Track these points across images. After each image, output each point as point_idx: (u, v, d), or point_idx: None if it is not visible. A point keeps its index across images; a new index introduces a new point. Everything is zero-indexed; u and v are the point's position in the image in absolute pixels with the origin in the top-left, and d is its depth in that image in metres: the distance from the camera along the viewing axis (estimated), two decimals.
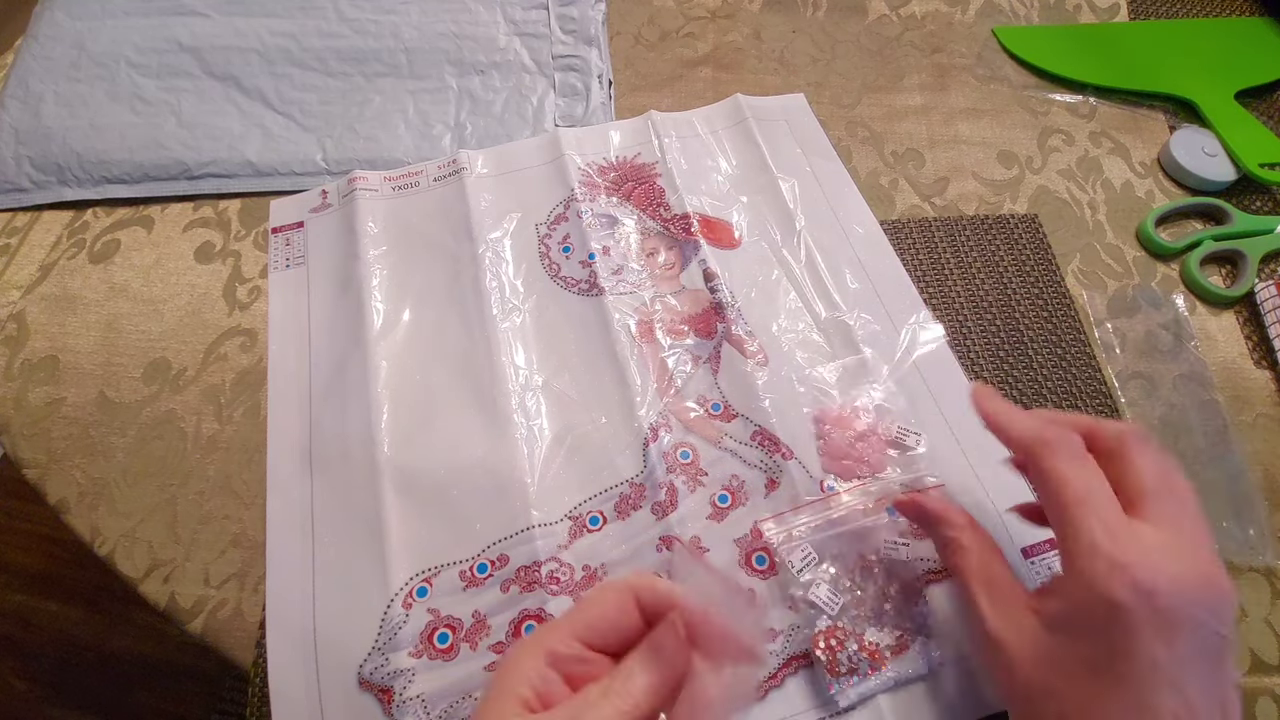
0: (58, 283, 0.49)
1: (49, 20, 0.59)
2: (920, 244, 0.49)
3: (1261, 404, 0.44)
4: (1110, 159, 0.54)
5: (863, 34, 0.61)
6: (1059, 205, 0.52)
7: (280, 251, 0.49)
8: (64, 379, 0.45)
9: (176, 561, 0.39)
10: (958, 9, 0.63)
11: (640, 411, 0.41)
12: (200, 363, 0.45)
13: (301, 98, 0.56)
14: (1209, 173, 0.51)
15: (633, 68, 0.59)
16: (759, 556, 0.37)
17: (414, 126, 0.55)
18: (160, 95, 0.55)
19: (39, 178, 0.52)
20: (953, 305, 0.47)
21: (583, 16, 0.59)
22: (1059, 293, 0.48)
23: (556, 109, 0.56)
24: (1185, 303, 0.47)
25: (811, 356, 0.44)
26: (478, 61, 0.58)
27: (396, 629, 0.35)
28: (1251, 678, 0.36)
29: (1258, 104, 0.56)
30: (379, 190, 0.50)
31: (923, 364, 0.43)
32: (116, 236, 0.51)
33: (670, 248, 0.48)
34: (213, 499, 0.41)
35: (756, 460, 0.40)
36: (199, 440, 0.43)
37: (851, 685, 0.34)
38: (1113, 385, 0.44)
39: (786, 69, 0.59)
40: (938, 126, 0.56)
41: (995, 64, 0.60)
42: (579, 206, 0.49)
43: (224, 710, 1.01)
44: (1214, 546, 0.27)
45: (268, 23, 0.58)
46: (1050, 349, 0.45)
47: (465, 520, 0.38)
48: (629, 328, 0.44)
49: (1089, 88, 0.58)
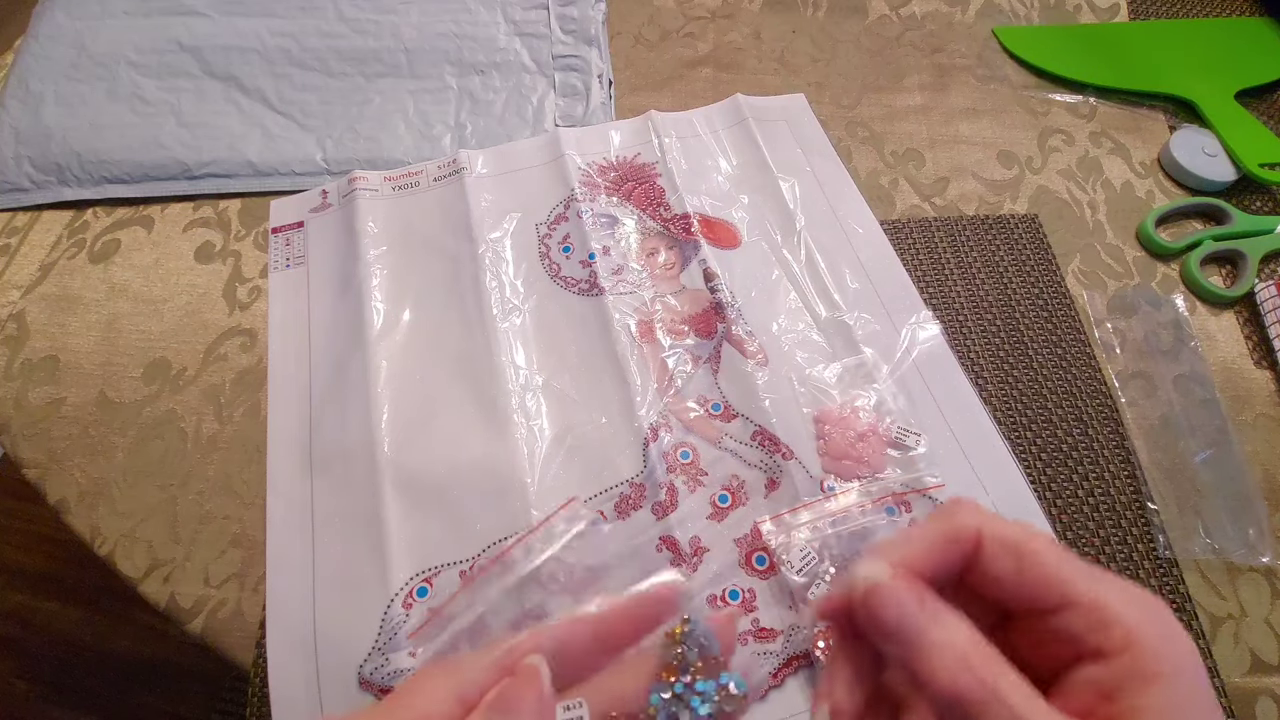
0: (58, 283, 0.49)
1: (49, 20, 0.59)
2: (920, 244, 0.49)
3: (1261, 404, 0.44)
4: (1110, 159, 0.54)
5: (863, 34, 0.61)
6: (1059, 205, 0.52)
7: (280, 251, 0.49)
8: (64, 379, 0.45)
9: (176, 561, 0.39)
10: (958, 9, 0.63)
11: (640, 411, 0.41)
12: (200, 363, 0.45)
13: (302, 98, 0.56)
14: (1209, 173, 0.51)
15: (633, 68, 0.59)
16: (759, 557, 0.37)
17: (414, 126, 0.55)
18: (160, 95, 0.55)
19: (39, 178, 0.52)
20: (953, 305, 0.47)
21: (583, 16, 0.59)
22: (1059, 293, 0.48)
23: (556, 109, 0.56)
24: (1185, 303, 0.47)
25: (811, 356, 0.44)
26: (478, 61, 0.58)
27: (397, 629, 0.35)
28: (1251, 678, 0.36)
29: (1258, 104, 0.56)
30: (379, 190, 0.50)
31: (922, 364, 0.43)
32: (116, 236, 0.51)
33: (670, 248, 0.48)
34: (213, 499, 0.41)
35: (756, 460, 0.40)
36: (199, 440, 0.43)
37: None
38: (1113, 385, 0.44)
39: (786, 69, 0.59)
40: (938, 126, 0.56)
41: (995, 64, 0.60)
42: (579, 206, 0.49)
43: (224, 710, 1.01)
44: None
45: (268, 23, 0.58)
46: (1050, 349, 0.45)
47: (465, 520, 0.38)
48: (629, 328, 0.44)
49: (1089, 88, 0.58)
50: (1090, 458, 0.42)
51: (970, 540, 0.22)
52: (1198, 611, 0.38)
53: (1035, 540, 0.22)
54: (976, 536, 0.22)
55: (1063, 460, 0.42)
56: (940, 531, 0.23)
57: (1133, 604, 0.20)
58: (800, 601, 0.35)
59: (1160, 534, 0.39)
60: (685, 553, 0.37)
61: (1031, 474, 0.41)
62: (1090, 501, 0.40)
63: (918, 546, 0.22)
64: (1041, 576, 0.21)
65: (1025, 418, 0.43)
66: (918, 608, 0.21)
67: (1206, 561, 0.39)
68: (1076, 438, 0.42)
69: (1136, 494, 0.41)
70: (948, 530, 0.23)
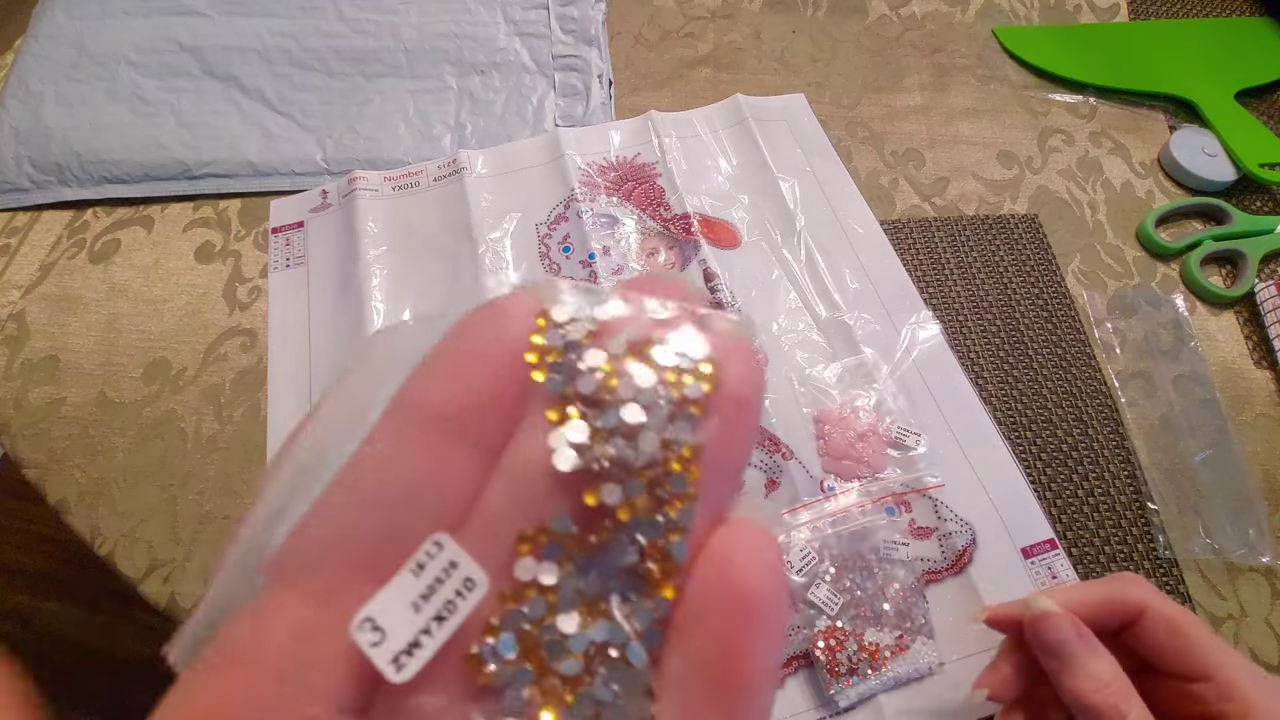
0: (58, 283, 0.49)
1: (49, 20, 0.59)
2: (920, 244, 0.49)
3: (1261, 404, 0.44)
4: (1110, 159, 0.54)
5: (863, 34, 0.61)
6: (1059, 205, 0.52)
7: (280, 251, 0.49)
8: (64, 379, 0.45)
9: (176, 561, 0.39)
10: (958, 9, 0.63)
11: None
12: (200, 363, 0.45)
13: (301, 98, 0.56)
14: (1209, 173, 0.51)
15: (633, 68, 0.59)
16: None
17: (414, 126, 0.55)
18: (160, 95, 0.55)
19: (39, 178, 0.52)
20: (953, 305, 0.47)
21: (583, 16, 0.59)
22: (1059, 293, 0.48)
23: (556, 109, 0.55)
24: (1185, 303, 0.47)
25: (811, 356, 0.44)
26: (478, 61, 0.58)
27: None
28: None
29: (1258, 104, 0.56)
30: (379, 190, 0.50)
31: (922, 364, 0.43)
32: (116, 236, 0.51)
33: (670, 248, 0.48)
34: (213, 499, 0.41)
35: (756, 460, 0.40)
36: (199, 440, 0.43)
37: (851, 685, 0.34)
38: (1113, 385, 0.44)
39: (786, 69, 0.59)
40: (938, 126, 0.56)
41: (995, 64, 0.60)
42: (579, 206, 0.49)
43: None
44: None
45: (268, 23, 0.58)
46: (1050, 349, 0.45)
47: None
48: None
49: (1089, 88, 0.58)
50: (1090, 458, 0.42)
51: (1133, 613, 0.29)
52: (1198, 612, 0.38)
53: (1193, 626, 0.28)
54: (1140, 611, 0.28)
55: (1063, 460, 0.42)
56: (1106, 596, 0.29)
57: (1257, 682, 0.27)
58: (800, 601, 0.35)
59: (1160, 534, 0.39)
60: None
61: (1031, 474, 0.41)
62: (1090, 501, 0.40)
63: (1083, 599, 0.29)
64: (1190, 653, 0.27)
65: (1025, 418, 0.43)
66: (1076, 637, 0.28)
67: (1206, 561, 0.39)
68: (1076, 438, 0.42)
69: (1136, 494, 0.41)
70: (1114, 598, 0.29)
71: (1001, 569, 0.37)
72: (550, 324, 0.12)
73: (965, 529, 0.38)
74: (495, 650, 0.11)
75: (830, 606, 0.35)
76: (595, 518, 0.11)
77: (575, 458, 0.11)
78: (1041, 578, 0.37)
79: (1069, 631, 0.28)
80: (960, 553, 0.37)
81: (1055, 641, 0.28)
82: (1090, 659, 0.27)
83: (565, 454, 0.11)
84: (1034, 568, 0.37)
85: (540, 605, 0.11)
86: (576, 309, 0.12)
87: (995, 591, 0.36)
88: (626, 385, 0.12)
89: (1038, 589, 0.37)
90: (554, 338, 0.12)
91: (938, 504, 0.39)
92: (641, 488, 0.11)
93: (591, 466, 0.11)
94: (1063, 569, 0.37)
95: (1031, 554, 0.37)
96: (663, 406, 0.12)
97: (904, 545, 0.37)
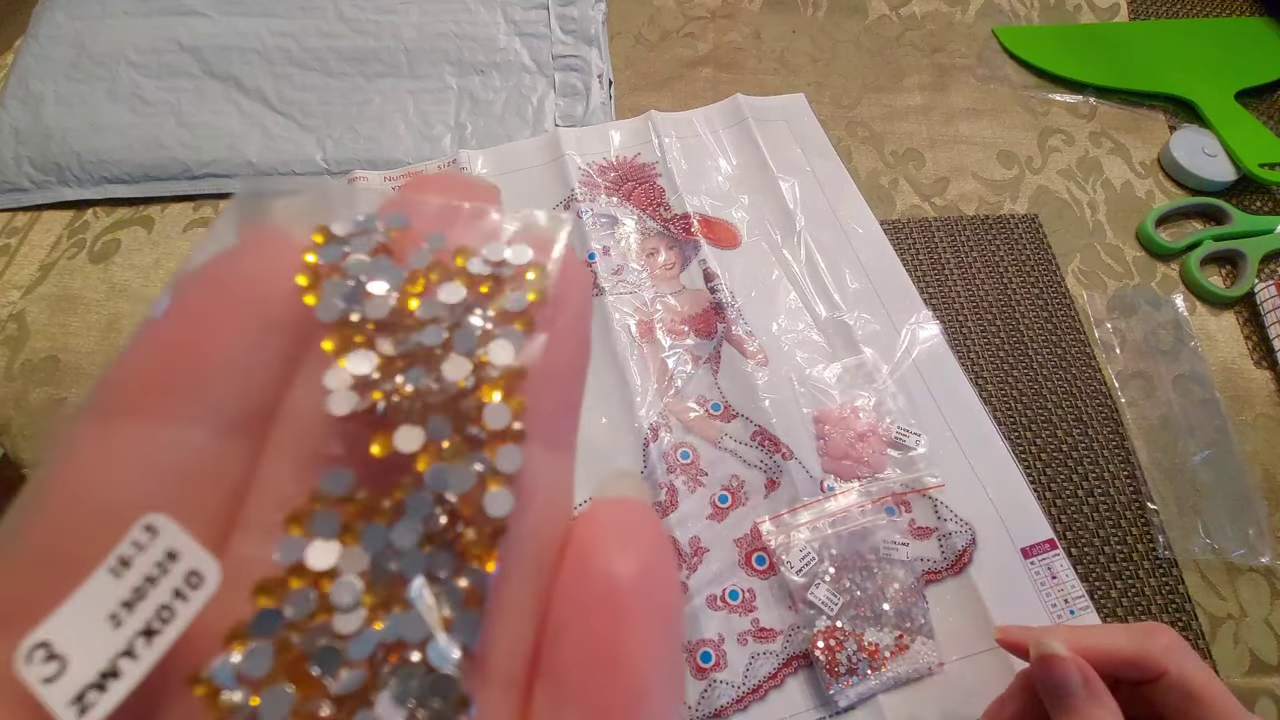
0: (58, 283, 0.49)
1: (49, 20, 0.59)
2: (920, 244, 0.49)
3: (1261, 404, 0.44)
4: (1110, 159, 0.54)
5: (863, 34, 0.61)
6: (1059, 205, 0.52)
7: None
8: (64, 379, 0.45)
9: None
10: (958, 9, 0.63)
11: (640, 412, 0.41)
12: None
13: (301, 98, 0.56)
14: (1209, 173, 0.51)
15: (633, 68, 0.59)
16: (759, 557, 0.37)
17: (414, 126, 0.55)
18: (160, 95, 0.55)
19: (39, 178, 0.52)
20: (953, 305, 0.47)
21: (583, 16, 0.59)
22: (1059, 293, 0.48)
23: (556, 109, 0.55)
24: (1185, 303, 0.47)
25: (811, 356, 0.44)
26: (478, 61, 0.58)
27: None
28: (1251, 678, 0.36)
29: (1258, 104, 0.56)
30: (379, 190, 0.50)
31: (922, 364, 0.43)
32: (116, 236, 0.51)
33: (670, 248, 0.48)
34: None
35: (756, 460, 0.40)
36: None
37: (851, 685, 0.34)
38: (1113, 385, 0.44)
39: (786, 69, 0.59)
40: (938, 126, 0.56)
41: (995, 64, 0.60)
42: (579, 206, 0.49)
43: None
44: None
45: (268, 23, 0.58)
46: (1050, 349, 0.45)
47: None
48: (629, 328, 0.44)
49: (1089, 88, 0.58)
50: (1090, 458, 0.42)
51: (1154, 672, 0.28)
52: (1197, 612, 0.38)
53: (1211, 693, 0.27)
54: (1160, 672, 0.28)
55: (1063, 460, 0.42)
56: (1129, 654, 0.28)
57: None
58: (800, 601, 0.35)
59: (1160, 534, 0.39)
60: (685, 553, 0.37)
61: (1031, 474, 0.41)
62: (1090, 501, 0.40)
63: (1102, 650, 0.28)
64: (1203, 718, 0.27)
65: (1025, 418, 0.43)
66: (1081, 684, 0.27)
67: (1206, 562, 0.39)
68: (1076, 438, 0.42)
69: (1136, 494, 0.41)
70: (1135, 657, 0.28)
71: (1001, 569, 0.37)
72: (330, 239, 0.10)
73: (965, 529, 0.38)
74: (236, 669, 0.08)
75: (830, 606, 0.35)
76: (390, 473, 0.09)
77: (354, 398, 0.09)
78: (1041, 578, 0.37)
79: (1074, 678, 0.27)
80: (960, 553, 0.38)
81: (1058, 684, 0.27)
82: (1092, 705, 0.27)
83: (341, 394, 0.09)
84: (1034, 568, 0.37)
85: (306, 599, 0.08)
86: (362, 219, 0.10)
87: (995, 592, 0.36)
88: (429, 305, 0.09)
89: (1038, 589, 0.37)
90: (332, 254, 0.10)
91: (937, 504, 0.39)
92: (448, 428, 0.09)
93: (378, 407, 0.09)
94: (1062, 569, 0.37)
95: (1031, 554, 0.37)
96: (475, 325, 0.09)
97: (904, 545, 0.37)
